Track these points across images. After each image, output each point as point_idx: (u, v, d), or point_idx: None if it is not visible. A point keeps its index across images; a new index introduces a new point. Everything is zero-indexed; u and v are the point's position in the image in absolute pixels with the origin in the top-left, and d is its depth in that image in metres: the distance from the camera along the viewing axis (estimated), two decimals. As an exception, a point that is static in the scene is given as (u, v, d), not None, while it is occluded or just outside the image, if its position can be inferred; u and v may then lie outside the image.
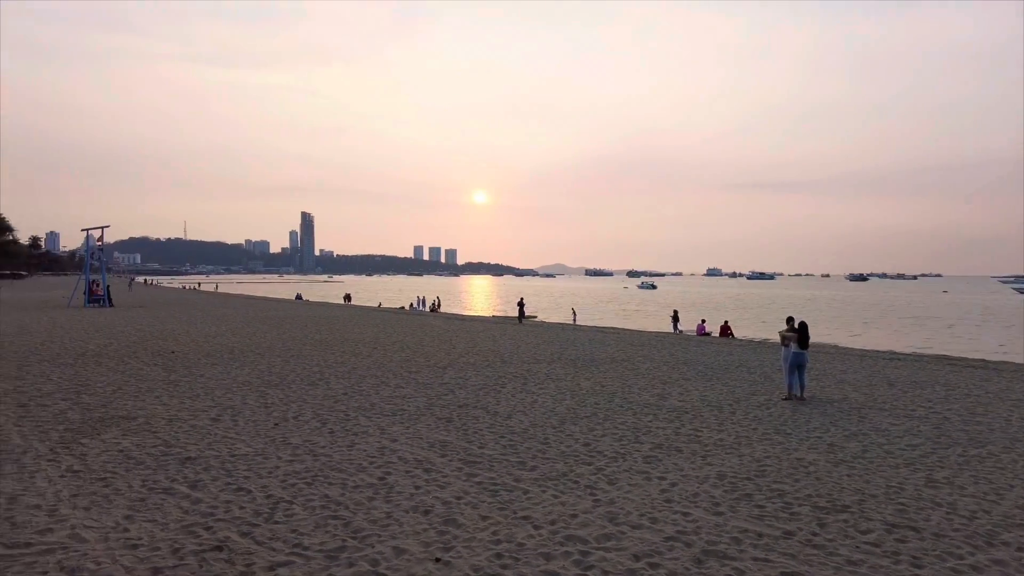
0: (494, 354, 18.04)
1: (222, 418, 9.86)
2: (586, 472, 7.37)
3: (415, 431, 9.15)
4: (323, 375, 14.05)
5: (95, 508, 6.09)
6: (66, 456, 7.76)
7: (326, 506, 6.22)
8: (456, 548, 5.32)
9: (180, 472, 7.20)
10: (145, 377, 13.55)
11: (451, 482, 6.96)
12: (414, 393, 12.02)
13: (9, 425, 9.26)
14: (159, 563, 4.97)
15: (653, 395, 12.19)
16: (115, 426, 9.27)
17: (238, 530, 5.62)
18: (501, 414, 10.30)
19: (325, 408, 10.63)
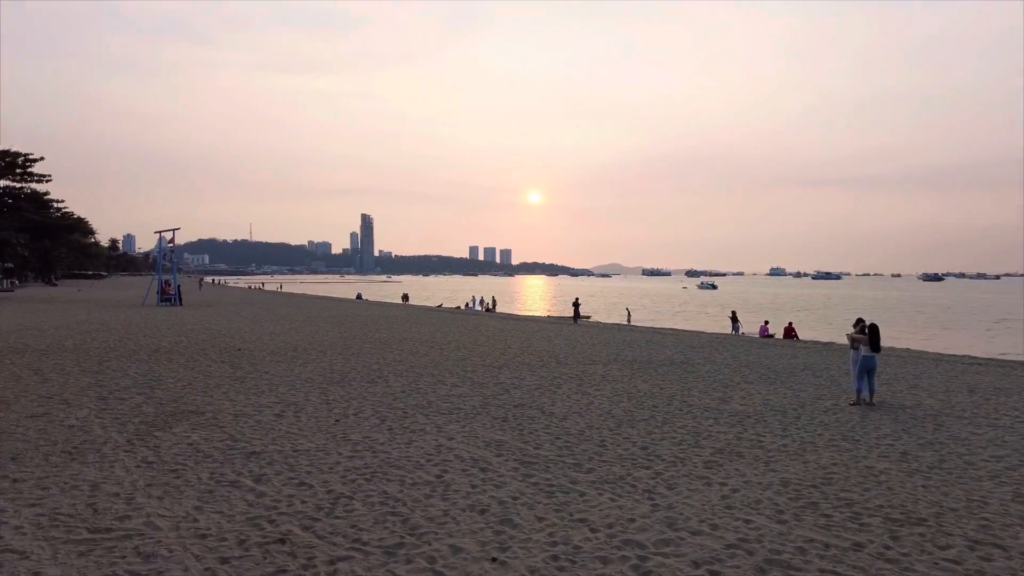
0: (549, 355, 18.00)
1: (285, 414, 10.17)
2: (644, 476, 7.25)
3: (471, 430, 9.21)
4: (382, 373, 14.31)
5: (167, 498, 6.37)
6: (141, 447, 8.15)
7: (385, 502, 6.32)
8: (512, 548, 5.32)
9: (245, 466, 7.45)
10: (213, 374, 14.11)
11: (507, 482, 6.96)
12: (470, 392, 12.10)
13: (91, 417, 9.80)
14: (226, 553, 5.15)
15: (714, 399, 11.90)
16: (185, 420, 9.68)
17: (300, 524, 5.77)
18: (557, 415, 10.25)
19: (384, 405, 10.82)
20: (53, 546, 5.24)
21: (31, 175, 51.02)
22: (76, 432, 8.88)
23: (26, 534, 5.47)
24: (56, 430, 8.99)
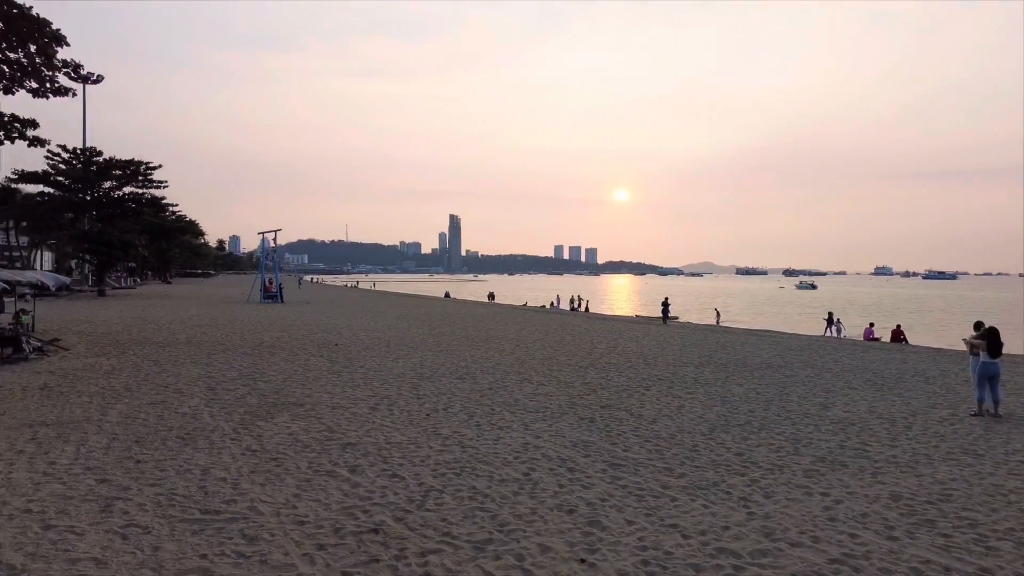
0: (637, 355, 17.66)
1: (379, 407, 10.49)
2: (739, 483, 6.95)
3: (558, 429, 9.16)
4: (470, 370, 14.51)
5: (269, 485, 6.70)
6: (246, 436, 8.63)
7: (473, 497, 6.38)
8: (601, 551, 5.23)
9: (341, 456, 7.73)
10: (312, 367, 14.77)
11: (595, 483, 6.87)
12: (556, 391, 12.05)
13: (201, 406, 10.49)
14: (323, 540, 5.35)
15: (814, 404, 11.27)
16: (286, 411, 10.18)
17: (392, 515, 5.92)
18: (646, 417, 10.02)
19: (472, 402, 10.95)
20: (170, 523, 5.63)
21: (151, 182, 55.34)
22: (188, 419, 9.53)
23: (148, 511, 5.90)
24: (171, 417, 9.68)
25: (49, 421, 9.34)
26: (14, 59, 17.38)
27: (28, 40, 16.78)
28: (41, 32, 16.53)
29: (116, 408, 10.20)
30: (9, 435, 8.53)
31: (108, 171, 52.57)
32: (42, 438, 8.38)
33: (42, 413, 9.86)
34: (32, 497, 6.23)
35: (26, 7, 16.14)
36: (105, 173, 52.50)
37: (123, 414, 9.80)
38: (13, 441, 8.25)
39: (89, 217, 53.99)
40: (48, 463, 7.31)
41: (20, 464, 7.26)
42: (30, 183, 53.16)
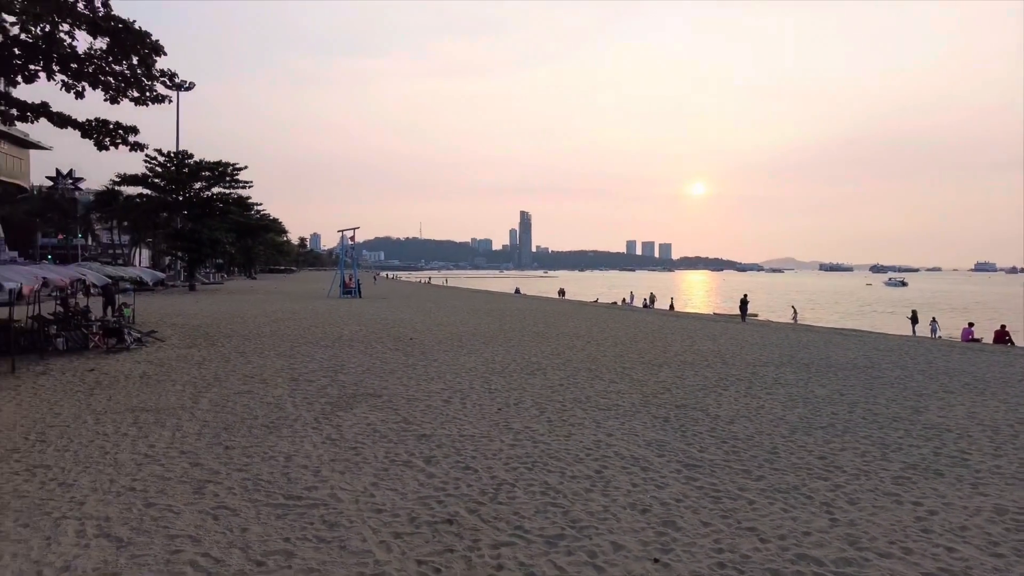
0: (714, 354, 17.20)
1: (452, 400, 10.67)
2: (821, 488, 6.66)
3: (630, 428, 9.04)
4: (540, 366, 14.53)
5: (348, 473, 6.94)
6: (326, 425, 8.96)
7: (545, 492, 6.39)
8: (675, 551, 5.13)
9: (417, 447, 7.91)
10: (388, 360, 15.17)
11: (669, 483, 6.74)
12: (628, 389, 11.89)
13: (285, 396, 10.96)
14: (399, 529, 5.49)
15: (905, 408, 10.65)
16: (364, 402, 10.50)
17: (466, 507, 6.00)
18: (723, 418, 9.75)
19: (543, 398, 10.96)
20: (256, 507, 5.92)
21: (237, 182, 58.32)
22: (273, 408, 9.98)
23: (236, 494, 6.23)
24: (257, 406, 10.17)
25: (148, 407, 10.00)
26: (118, 71, 18.63)
27: (131, 52, 17.94)
28: (143, 44, 17.64)
29: (207, 396, 10.82)
30: (115, 419, 9.19)
31: (198, 173, 55.74)
32: (142, 423, 8.99)
33: (142, 399, 10.57)
34: (135, 476, 6.69)
35: (130, 21, 17.26)
36: (196, 175, 55.69)
37: (213, 402, 10.37)
38: (118, 424, 8.88)
39: (181, 216, 57.43)
40: (148, 446, 7.83)
41: (124, 446, 7.82)
42: (130, 185, 57.10)
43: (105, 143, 20.08)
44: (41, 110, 19.05)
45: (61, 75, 17.91)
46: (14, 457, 7.36)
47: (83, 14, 16.43)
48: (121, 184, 57.63)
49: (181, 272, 66.73)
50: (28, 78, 17.96)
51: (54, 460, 7.25)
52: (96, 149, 20.07)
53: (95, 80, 18.32)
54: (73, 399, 10.57)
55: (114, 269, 23.12)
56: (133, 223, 63.05)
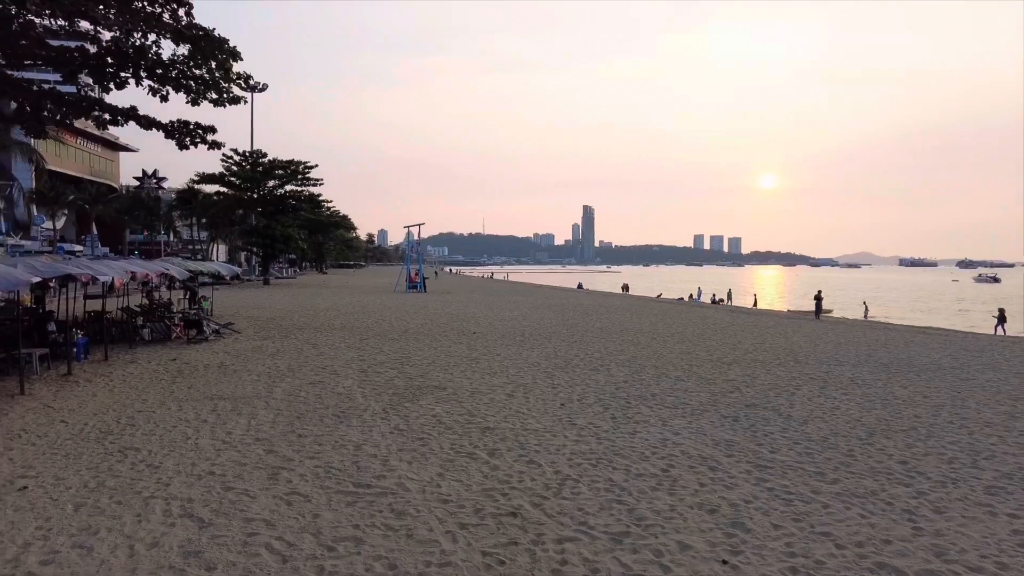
0: (786, 352, 16.61)
1: (515, 394, 10.71)
2: (903, 494, 6.33)
3: (698, 426, 8.84)
4: (604, 362, 14.39)
5: (415, 463, 7.07)
6: (393, 416, 9.16)
7: (610, 489, 6.33)
8: (745, 553, 4.99)
9: (481, 440, 7.98)
10: (452, 353, 15.37)
11: (738, 484, 6.55)
12: (696, 387, 11.63)
13: (354, 387, 11.27)
14: (464, 519, 5.56)
15: (998, 413, 9.99)
16: (430, 394, 10.67)
17: (530, 500, 6.01)
18: (795, 418, 9.40)
19: (607, 394, 10.86)
20: (327, 494, 6.11)
21: (309, 180, 60.31)
22: (343, 399, 10.28)
23: (308, 481, 6.45)
24: (328, 396, 10.49)
25: (225, 395, 10.48)
26: (198, 75, 19.54)
27: (210, 58, 18.78)
28: (221, 50, 18.44)
29: (280, 386, 11.24)
30: (195, 406, 9.68)
31: (272, 171, 57.90)
32: (220, 410, 9.43)
33: (220, 388, 11.09)
34: (215, 461, 7.03)
35: (210, 29, 18.07)
36: (269, 173, 57.88)
37: (286, 392, 10.77)
38: (199, 411, 9.35)
39: (256, 213, 59.84)
40: (226, 432, 8.20)
41: (204, 432, 8.22)
42: (208, 184, 59.89)
43: (186, 142, 21.10)
44: (130, 114, 20.20)
45: (148, 80, 18.92)
46: (108, 439, 7.86)
47: (168, 24, 17.29)
48: (200, 183, 60.53)
49: (256, 267, 69.59)
50: (119, 84, 19.06)
51: (142, 443, 7.69)
52: (178, 149, 21.11)
53: (178, 84, 19.26)
54: (158, 386, 11.19)
55: (195, 264, 24.33)
56: (211, 220, 66.09)
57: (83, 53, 18.56)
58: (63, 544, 4.98)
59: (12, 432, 8.17)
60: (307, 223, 74.44)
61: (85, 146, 75.77)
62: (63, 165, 66.19)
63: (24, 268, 10.90)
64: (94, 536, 5.12)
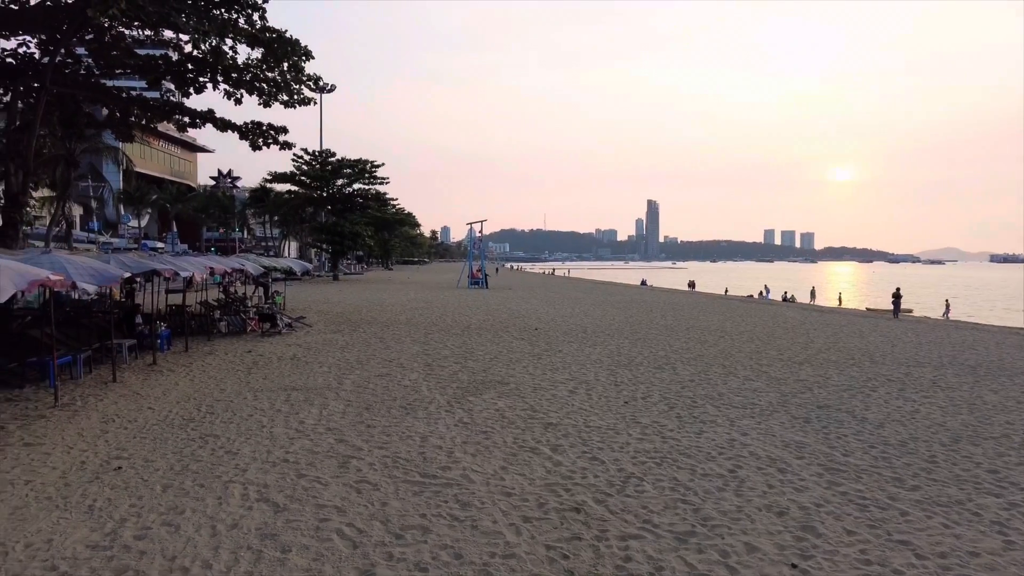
0: (862, 352, 15.92)
1: (578, 391, 10.68)
2: (992, 504, 5.98)
3: (767, 427, 8.59)
4: (669, 360, 14.17)
5: (479, 456, 7.16)
6: (457, 409, 9.30)
7: (675, 488, 6.25)
8: (815, 558, 4.84)
9: (543, 435, 8.01)
10: (514, 349, 15.46)
11: (809, 487, 6.35)
12: (765, 387, 11.30)
13: (420, 380, 11.50)
14: (528, 513, 5.60)
15: (1097, 420, 9.28)
16: (493, 389, 10.78)
17: (593, 497, 6.00)
18: (871, 421, 9.01)
19: (672, 393, 10.69)
20: (395, 483, 6.28)
21: (376, 178, 61.87)
22: (409, 391, 10.51)
23: (377, 470, 6.64)
24: (395, 388, 10.75)
25: (298, 386, 10.89)
26: (271, 77, 20.31)
27: (283, 60, 19.49)
28: (294, 51, 19.12)
29: (350, 378, 11.59)
30: (270, 396, 10.11)
31: (340, 170, 59.63)
32: (294, 400, 9.81)
33: (293, 379, 11.53)
34: (288, 449, 7.33)
35: (283, 31, 18.75)
36: (338, 172, 59.62)
37: (355, 383, 11.10)
38: (273, 401, 9.76)
39: (325, 211, 61.74)
40: (298, 422, 8.53)
41: (278, 421, 8.57)
42: (280, 183, 62.19)
43: (259, 143, 22.00)
44: (208, 116, 21.22)
45: (224, 84, 19.81)
46: (190, 426, 8.31)
47: (243, 29, 18.04)
48: (272, 182, 62.97)
49: (325, 263, 71.81)
50: (198, 89, 20.05)
51: (221, 430, 8.10)
52: (251, 149, 22.03)
53: (251, 87, 20.10)
54: (235, 377, 11.73)
55: (268, 260, 25.34)
56: (283, 218, 68.69)
57: (166, 61, 19.61)
58: (153, 521, 5.31)
59: (107, 416, 8.75)
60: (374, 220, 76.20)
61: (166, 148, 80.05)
62: (146, 167, 70.14)
63: (116, 264, 11.64)
64: (180, 515, 5.43)
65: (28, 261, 9.37)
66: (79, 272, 9.71)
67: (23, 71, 18.12)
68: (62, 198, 38.21)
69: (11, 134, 18.01)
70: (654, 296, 42.53)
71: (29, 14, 16.04)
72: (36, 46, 17.77)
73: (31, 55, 17.97)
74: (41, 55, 17.78)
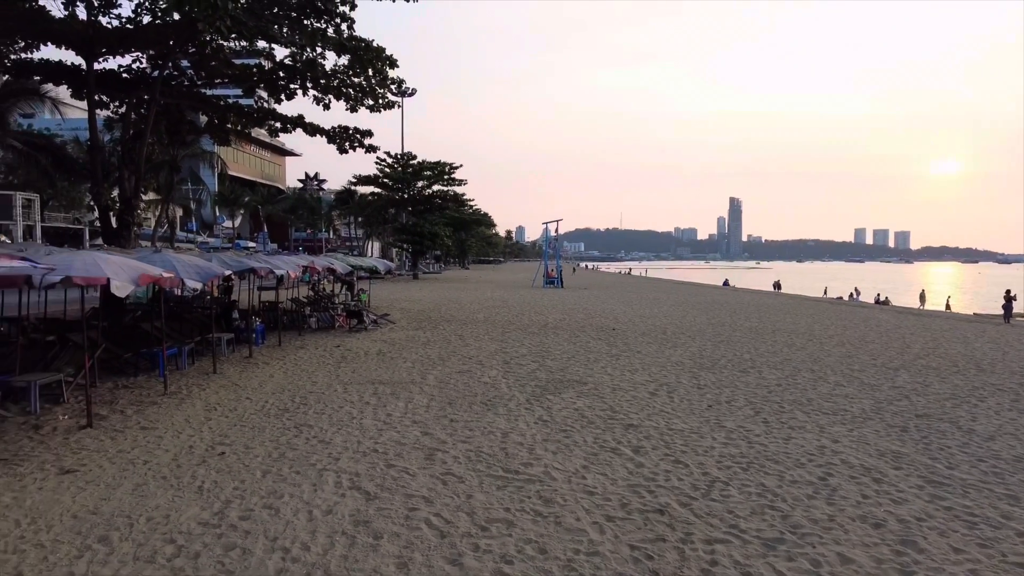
0: (966, 359, 14.90)
1: (659, 393, 10.54)
2: (1120, 526, 5.49)
3: (860, 435, 8.21)
4: (754, 363, 13.74)
5: (560, 454, 7.21)
6: (537, 407, 9.38)
7: (762, 494, 6.09)
8: (918, 575, 4.60)
9: (624, 436, 7.96)
10: (592, 349, 15.40)
11: (908, 499, 6.03)
12: (857, 393, 10.78)
13: (499, 377, 11.66)
14: (610, 512, 5.60)
15: None
16: (571, 388, 10.79)
17: (677, 500, 5.93)
18: (979, 433, 8.44)
19: (758, 397, 10.38)
20: (479, 477, 6.42)
21: (454, 180, 63.10)
22: (489, 388, 10.68)
23: (461, 463, 6.81)
24: (475, 384, 10.95)
25: (384, 380, 11.28)
26: (357, 83, 21.07)
27: (369, 66, 20.18)
28: (379, 59, 19.76)
29: (432, 373, 11.90)
30: (359, 389, 10.52)
31: (420, 172, 61.09)
32: (381, 394, 10.17)
33: (379, 373, 11.94)
34: (377, 440, 7.62)
35: (370, 40, 19.42)
36: (418, 174, 61.11)
37: (438, 379, 11.38)
38: (361, 394, 10.16)
39: (406, 212, 63.40)
40: (386, 414, 8.85)
41: (367, 413, 8.93)
42: (364, 185, 64.37)
43: (345, 147, 22.85)
44: (299, 122, 22.24)
45: (313, 90, 20.70)
46: (285, 415, 8.78)
47: (332, 38, 18.80)
48: (357, 184, 65.21)
49: (406, 262, 73.75)
50: (289, 96, 21.05)
51: (314, 420, 8.51)
52: (338, 152, 22.91)
53: (338, 92, 20.90)
54: (325, 370, 12.28)
55: (355, 259, 26.31)
56: (366, 218, 71.03)
57: (260, 69, 20.70)
58: (256, 504, 5.67)
59: (210, 404, 9.37)
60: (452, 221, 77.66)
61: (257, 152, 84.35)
62: (239, 170, 74.19)
63: (218, 263, 12.41)
64: (279, 500, 5.77)
65: (142, 260, 10.15)
66: (186, 270, 10.44)
67: (136, 84, 19.57)
68: (166, 200, 41.07)
69: (126, 143, 19.48)
70: (737, 297, 41.24)
71: (142, 33, 17.30)
72: (147, 60, 19.16)
73: (143, 69, 19.38)
74: (151, 69, 19.15)
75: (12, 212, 37.63)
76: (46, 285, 7.42)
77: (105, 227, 17.72)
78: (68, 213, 45.33)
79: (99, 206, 18.04)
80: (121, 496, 5.81)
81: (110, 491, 5.92)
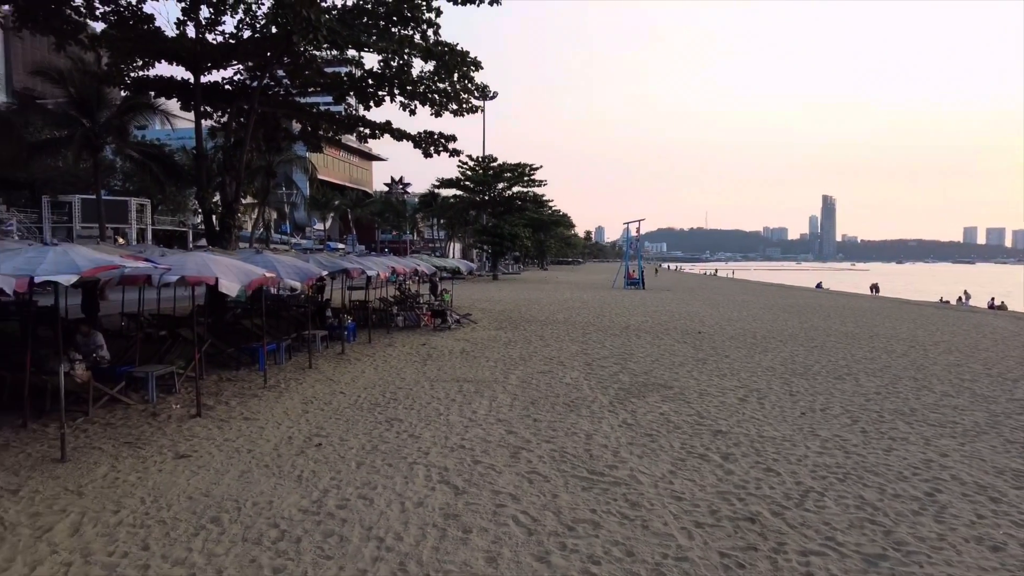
0: (1093, 369, 13.59)
1: (748, 399, 10.21)
2: None
3: (973, 450, 7.66)
4: (851, 370, 13.06)
5: (646, 458, 7.13)
6: (621, 410, 9.30)
7: (861, 507, 5.80)
8: (1042, 602, 4.27)
9: (712, 442, 7.78)
10: (677, 353, 15.10)
11: (1031, 520, 5.59)
12: (968, 405, 10.06)
13: (581, 378, 11.64)
14: (699, 519, 5.50)
15: None
16: (655, 392, 10.63)
17: (769, 508, 5.75)
18: (1110, 449, 7.70)
19: (855, 405, 9.87)
20: (564, 477, 6.45)
21: (533, 181, 63.41)
22: (571, 389, 10.69)
23: (546, 463, 6.86)
24: (557, 385, 10.98)
25: (468, 378, 11.49)
26: (442, 88, 21.55)
27: (454, 71, 20.61)
28: (464, 63, 20.14)
29: (515, 373, 12.02)
30: (445, 386, 10.78)
31: (501, 174, 61.69)
32: (465, 391, 10.38)
33: (464, 371, 12.18)
34: (464, 436, 7.80)
35: (454, 44, 19.84)
36: (499, 176, 61.74)
37: (520, 379, 11.49)
38: (447, 391, 10.40)
39: (487, 214, 64.20)
40: (471, 412, 9.03)
41: (453, 409, 9.14)
42: (446, 188, 65.70)
43: (430, 151, 23.41)
44: (386, 127, 22.98)
45: (400, 97, 21.34)
46: (377, 410, 9.12)
47: (419, 44, 19.32)
48: (440, 187, 66.64)
49: (486, 263, 74.72)
50: (378, 102, 21.79)
51: (404, 415, 8.80)
52: (423, 157, 23.50)
53: (424, 98, 21.44)
54: (412, 367, 12.64)
55: (439, 260, 26.93)
56: (448, 220, 72.49)
57: (350, 77, 21.53)
58: (351, 494, 5.93)
59: (307, 398, 9.86)
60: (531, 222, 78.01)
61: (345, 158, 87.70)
62: (329, 174, 77.36)
63: (315, 263, 13.04)
64: (373, 491, 6.01)
65: (245, 260, 10.80)
66: (286, 270, 11.03)
67: (237, 95, 20.83)
68: (263, 204, 43.40)
69: (227, 150, 20.77)
70: (831, 300, 39.27)
71: (243, 47, 18.40)
72: (246, 72, 20.34)
73: (243, 81, 20.59)
74: (250, 80, 20.31)
75: (127, 216, 40.96)
76: (163, 284, 8.04)
77: (208, 229, 18.93)
78: (175, 216, 48.75)
79: (203, 210, 19.29)
80: (229, 481, 6.22)
81: (219, 476, 6.36)
